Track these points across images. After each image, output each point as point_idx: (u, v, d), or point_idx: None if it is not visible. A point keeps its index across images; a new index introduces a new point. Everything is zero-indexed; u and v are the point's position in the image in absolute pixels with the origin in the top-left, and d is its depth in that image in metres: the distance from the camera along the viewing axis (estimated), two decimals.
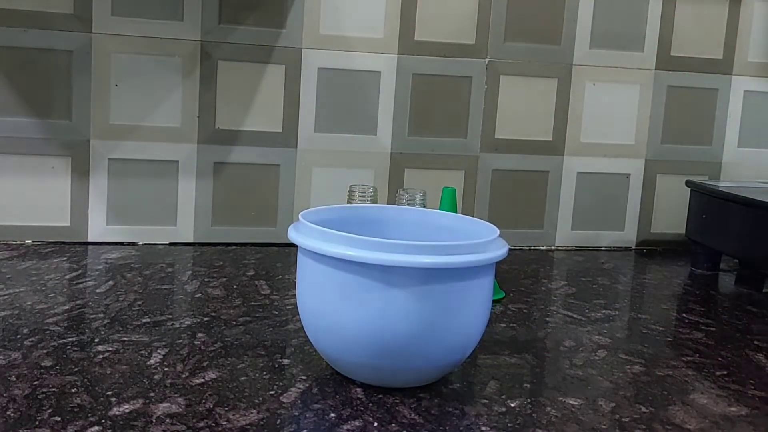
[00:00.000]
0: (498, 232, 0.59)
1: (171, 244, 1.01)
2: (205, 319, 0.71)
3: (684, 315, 0.83)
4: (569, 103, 1.12)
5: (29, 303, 0.73)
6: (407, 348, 0.54)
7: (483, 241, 0.55)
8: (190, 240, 1.02)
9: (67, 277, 0.83)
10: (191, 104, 1.00)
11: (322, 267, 0.55)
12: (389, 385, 0.57)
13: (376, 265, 0.52)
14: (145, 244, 1.00)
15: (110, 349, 0.62)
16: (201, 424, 0.50)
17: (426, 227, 0.67)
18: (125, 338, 0.65)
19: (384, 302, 0.53)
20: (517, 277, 0.95)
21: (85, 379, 0.56)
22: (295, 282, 0.60)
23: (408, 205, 0.76)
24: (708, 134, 1.18)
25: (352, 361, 0.56)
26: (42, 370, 0.57)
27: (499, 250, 0.56)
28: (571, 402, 0.58)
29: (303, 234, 0.56)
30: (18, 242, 0.97)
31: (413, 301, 0.53)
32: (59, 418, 0.49)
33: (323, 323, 0.56)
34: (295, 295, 0.80)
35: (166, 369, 0.59)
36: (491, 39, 1.08)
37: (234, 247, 1.02)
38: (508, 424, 0.53)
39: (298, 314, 0.60)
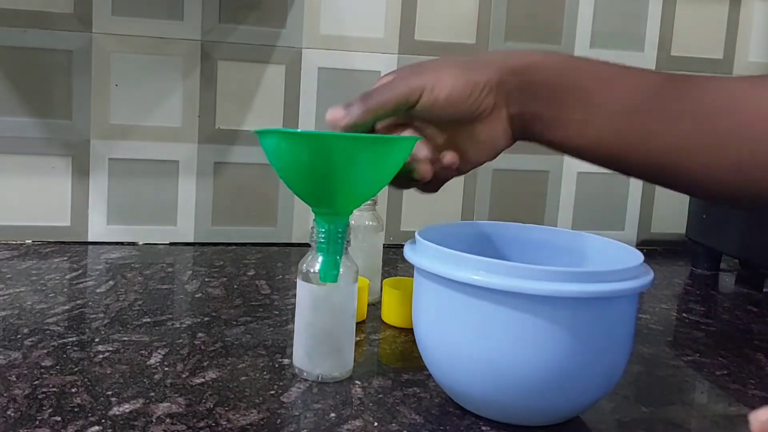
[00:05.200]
0: (642, 256, 0.53)
1: (171, 244, 1.01)
2: (206, 318, 0.71)
3: (684, 315, 0.83)
4: None
5: (29, 303, 0.73)
6: (546, 385, 0.49)
7: (632, 267, 0.50)
8: (191, 240, 1.02)
9: (68, 277, 0.83)
10: (191, 104, 1.00)
11: (451, 293, 0.50)
12: (519, 422, 0.52)
13: (521, 294, 0.47)
14: (146, 244, 1.00)
15: (110, 348, 0.62)
16: (201, 424, 0.50)
17: (547, 247, 0.62)
18: (125, 338, 0.65)
19: (526, 335, 0.48)
20: None
21: (85, 379, 0.56)
22: (296, 282, 0.60)
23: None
24: None
25: (481, 398, 0.52)
26: (42, 370, 0.57)
27: (645, 277, 0.50)
28: None
29: (428, 257, 0.51)
30: (18, 242, 0.97)
31: (558, 333, 0.48)
32: (59, 418, 0.49)
33: (449, 354, 0.51)
34: (295, 294, 0.80)
35: (166, 369, 0.59)
36: (491, 39, 1.08)
37: (234, 247, 1.01)
38: (509, 424, 0.53)
39: (417, 345, 0.56)
